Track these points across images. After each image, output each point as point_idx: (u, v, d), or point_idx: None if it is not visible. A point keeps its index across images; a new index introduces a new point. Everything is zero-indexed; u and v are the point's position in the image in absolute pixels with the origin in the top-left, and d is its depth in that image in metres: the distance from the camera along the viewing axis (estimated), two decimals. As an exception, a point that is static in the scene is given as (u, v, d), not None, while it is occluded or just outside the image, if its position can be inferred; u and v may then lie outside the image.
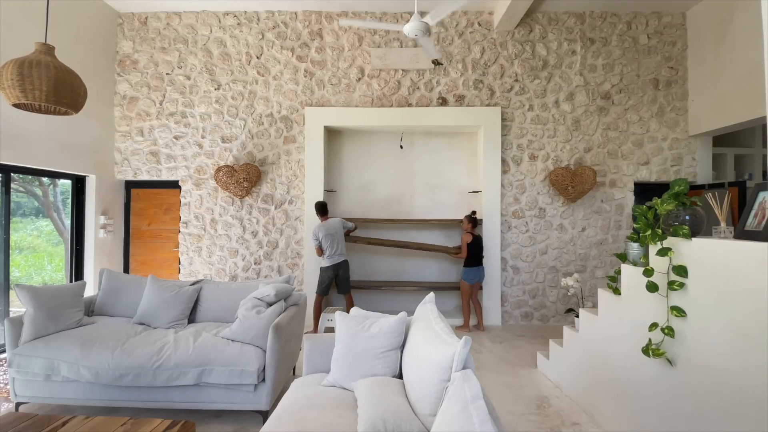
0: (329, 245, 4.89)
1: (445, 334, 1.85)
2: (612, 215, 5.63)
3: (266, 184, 5.68)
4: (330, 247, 4.89)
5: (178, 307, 3.35)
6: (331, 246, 4.89)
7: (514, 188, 5.64)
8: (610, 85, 5.61)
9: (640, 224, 2.39)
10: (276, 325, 2.84)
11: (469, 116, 5.56)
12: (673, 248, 2.16)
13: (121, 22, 5.71)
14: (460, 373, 1.52)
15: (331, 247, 4.90)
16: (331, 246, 4.89)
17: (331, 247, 4.90)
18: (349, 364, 2.28)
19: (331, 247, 4.90)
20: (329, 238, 4.88)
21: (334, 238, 4.91)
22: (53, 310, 3.04)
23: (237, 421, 2.90)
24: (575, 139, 5.62)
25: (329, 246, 4.89)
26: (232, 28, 5.69)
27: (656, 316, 2.26)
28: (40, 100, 2.37)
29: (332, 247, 4.90)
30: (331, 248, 4.90)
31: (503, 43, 5.63)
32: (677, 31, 5.60)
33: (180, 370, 2.76)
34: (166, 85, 5.69)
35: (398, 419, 1.71)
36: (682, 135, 5.60)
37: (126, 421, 2.05)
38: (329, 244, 4.89)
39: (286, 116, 5.68)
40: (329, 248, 4.89)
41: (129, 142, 5.71)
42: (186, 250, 5.73)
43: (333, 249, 4.90)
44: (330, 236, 4.89)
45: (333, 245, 4.90)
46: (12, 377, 2.90)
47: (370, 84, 5.66)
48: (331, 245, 4.89)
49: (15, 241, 4.62)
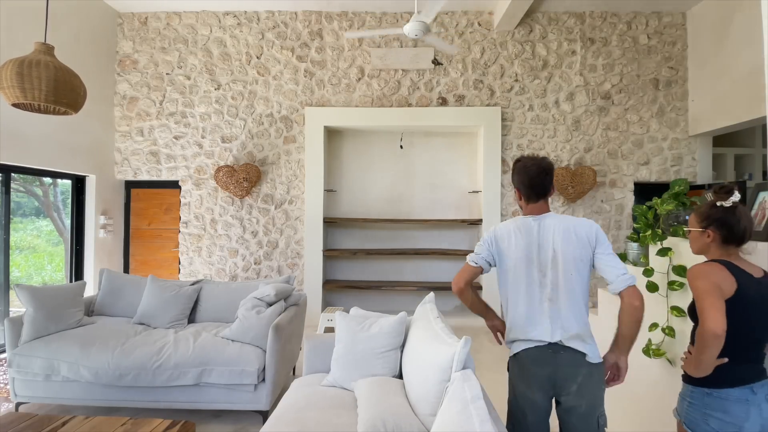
0: None
1: (445, 334, 1.85)
2: (612, 215, 5.62)
3: (266, 184, 5.68)
4: None
5: (178, 307, 3.35)
6: None
7: (514, 188, 5.63)
8: (610, 85, 5.61)
9: (640, 224, 2.39)
10: (276, 325, 2.84)
11: (469, 116, 5.56)
12: (673, 248, 2.16)
13: (121, 22, 5.71)
14: (460, 373, 1.53)
15: None
16: None
17: None
18: (349, 364, 2.28)
19: None
20: None
21: None
22: (53, 310, 3.04)
23: (237, 421, 2.90)
24: (575, 139, 5.61)
25: None
26: (232, 28, 5.69)
27: (656, 316, 2.26)
28: (39, 100, 2.36)
29: None
30: None
31: (503, 43, 5.63)
32: (677, 31, 5.60)
33: (180, 370, 2.76)
34: (166, 85, 5.69)
35: (398, 419, 1.71)
36: (682, 135, 5.59)
37: (126, 421, 2.05)
38: None
39: (286, 116, 5.68)
40: None
41: (129, 142, 5.70)
42: (186, 250, 5.73)
43: None
44: None
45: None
46: (12, 377, 2.90)
47: (370, 84, 5.65)
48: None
49: (15, 241, 4.62)
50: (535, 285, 1.66)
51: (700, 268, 1.53)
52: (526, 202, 1.78)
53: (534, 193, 1.74)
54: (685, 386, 1.63)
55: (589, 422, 1.63)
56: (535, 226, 1.71)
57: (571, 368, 1.62)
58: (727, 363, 1.48)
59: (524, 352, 1.68)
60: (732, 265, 1.50)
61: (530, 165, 1.75)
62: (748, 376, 1.51)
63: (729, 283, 1.46)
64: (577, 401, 1.62)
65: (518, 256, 1.69)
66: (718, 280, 1.46)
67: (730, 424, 1.47)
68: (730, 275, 1.47)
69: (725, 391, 1.50)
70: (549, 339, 1.63)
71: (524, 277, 1.67)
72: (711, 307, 1.42)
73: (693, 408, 1.56)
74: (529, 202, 1.76)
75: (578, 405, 1.62)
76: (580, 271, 1.63)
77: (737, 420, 1.47)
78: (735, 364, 1.49)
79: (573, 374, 1.61)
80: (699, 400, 1.55)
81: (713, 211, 1.57)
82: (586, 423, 1.63)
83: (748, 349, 1.51)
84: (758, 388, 1.49)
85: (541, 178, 1.72)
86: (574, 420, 1.64)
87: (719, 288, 1.45)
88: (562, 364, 1.62)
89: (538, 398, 1.66)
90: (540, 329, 1.64)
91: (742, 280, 1.47)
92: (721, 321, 1.40)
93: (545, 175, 1.73)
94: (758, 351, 1.53)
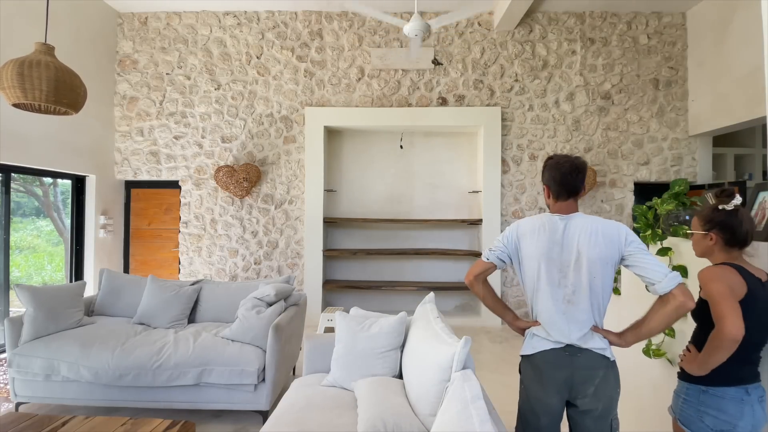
0: None
1: (445, 334, 1.85)
2: (612, 215, 5.62)
3: (266, 184, 5.68)
4: None
5: (178, 307, 3.35)
6: None
7: (514, 188, 5.64)
8: (610, 85, 5.61)
9: (640, 224, 2.39)
10: (276, 325, 2.84)
11: (469, 116, 5.56)
12: (673, 248, 2.16)
13: (121, 22, 5.71)
14: (460, 373, 1.53)
15: None
16: None
17: None
18: (349, 364, 2.28)
19: None
20: None
21: None
22: (53, 310, 3.04)
23: (237, 421, 2.90)
24: (575, 139, 5.62)
25: None
26: (232, 28, 5.69)
27: (656, 316, 2.25)
28: (40, 100, 2.36)
29: None
30: None
31: (503, 43, 5.63)
32: (677, 31, 5.60)
33: (180, 370, 2.76)
34: (166, 85, 5.69)
35: (398, 419, 1.71)
36: (682, 135, 5.60)
37: (126, 421, 2.05)
38: None
39: (286, 116, 5.68)
40: None
41: (129, 142, 5.71)
42: (186, 250, 5.73)
43: None
44: None
45: None
46: (12, 377, 2.90)
47: (370, 84, 5.66)
48: None
49: (15, 241, 4.62)
50: (554, 285, 1.65)
51: (714, 271, 1.53)
52: (554, 200, 1.73)
53: (564, 191, 1.70)
54: (681, 383, 1.63)
55: (603, 425, 1.62)
56: (561, 225, 1.67)
57: (589, 371, 1.61)
58: (727, 362, 1.48)
59: (539, 354, 1.67)
60: (742, 269, 1.50)
61: (563, 162, 1.71)
62: (746, 377, 1.52)
63: (740, 286, 1.47)
64: (594, 404, 1.61)
65: (540, 254, 1.66)
66: (732, 283, 1.47)
67: (725, 422, 1.48)
68: (741, 278, 1.48)
69: (722, 390, 1.51)
70: (566, 340, 1.62)
71: (545, 275, 1.65)
72: (731, 311, 1.42)
73: (688, 405, 1.57)
74: (558, 200, 1.72)
75: (594, 408, 1.61)
76: (605, 274, 1.61)
77: (732, 418, 1.48)
78: (735, 364, 1.49)
79: (590, 377, 1.61)
80: (695, 398, 1.56)
81: (715, 215, 1.57)
82: (600, 426, 1.62)
83: (749, 351, 1.52)
84: (752, 389, 1.51)
85: (573, 176, 1.69)
86: (589, 423, 1.63)
87: (734, 291, 1.45)
88: (580, 366, 1.61)
89: (553, 401, 1.65)
90: (557, 329, 1.63)
91: (751, 283, 1.48)
92: (740, 325, 1.40)
93: (578, 173, 1.70)
94: (758, 353, 1.54)
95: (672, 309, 1.52)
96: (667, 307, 1.52)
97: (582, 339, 1.61)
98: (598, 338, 1.62)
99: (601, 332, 1.64)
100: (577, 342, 1.61)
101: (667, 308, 1.52)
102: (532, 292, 1.71)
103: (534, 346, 1.69)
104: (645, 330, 1.61)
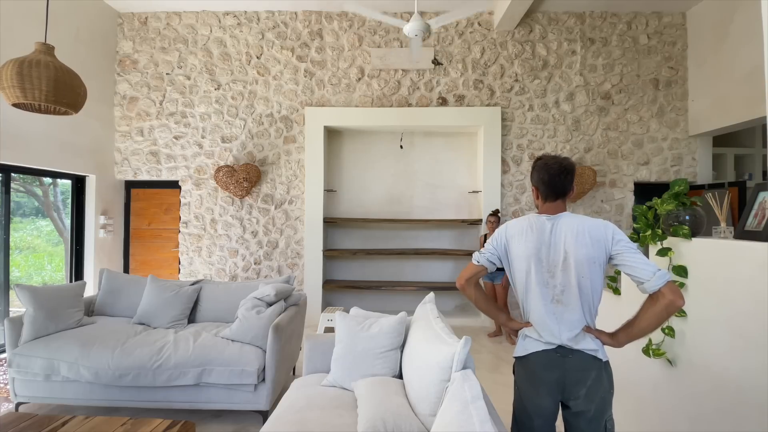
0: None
1: (445, 334, 1.85)
2: (612, 215, 5.62)
3: (266, 184, 5.68)
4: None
5: (178, 307, 3.35)
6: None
7: (514, 188, 5.64)
8: (610, 85, 5.61)
9: (640, 224, 2.39)
10: (276, 325, 2.84)
11: (469, 116, 5.56)
12: (673, 248, 2.16)
13: (121, 22, 5.71)
14: (460, 373, 1.52)
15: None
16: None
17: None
18: (349, 364, 2.28)
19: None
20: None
21: None
22: (53, 310, 3.04)
23: (237, 421, 2.90)
24: (575, 139, 5.62)
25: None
26: (232, 28, 5.69)
27: (656, 316, 2.25)
28: (39, 100, 2.37)
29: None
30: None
31: (503, 43, 5.63)
32: (677, 31, 5.60)
33: (180, 370, 2.76)
34: (166, 85, 5.69)
35: (398, 419, 1.70)
36: (682, 135, 5.59)
37: (126, 421, 2.05)
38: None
39: (286, 116, 5.68)
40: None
41: (129, 142, 5.70)
42: (186, 250, 5.73)
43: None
44: None
45: None
46: (12, 377, 2.90)
47: (370, 84, 5.66)
48: None
49: (15, 241, 4.62)
50: (543, 285, 1.65)
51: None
52: (543, 201, 1.74)
53: (552, 192, 1.70)
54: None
55: (596, 426, 1.62)
56: (548, 225, 1.68)
57: (580, 372, 1.60)
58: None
59: (532, 356, 1.67)
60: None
61: (552, 163, 1.71)
62: None
63: None
64: (587, 406, 1.60)
65: (528, 255, 1.67)
66: None
67: None
68: None
69: None
70: (557, 341, 1.62)
71: (534, 275, 1.66)
72: None
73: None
74: (546, 201, 1.72)
75: (587, 409, 1.61)
76: (593, 274, 1.61)
77: None
78: None
79: (582, 378, 1.60)
80: None
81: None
82: (594, 427, 1.62)
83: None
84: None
85: (562, 178, 1.69)
86: (582, 424, 1.63)
87: None
88: (571, 368, 1.61)
89: (546, 402, 1.65)
90: (547, 330, 1.63)
91: None
92: None
93: (566, 174, 1.69)
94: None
95: (662, 308, 1.51)
96: (657, 306, 1.52)
97: (573, 340, 1.61)
98: (590, 339, 1.62)
99: (593, 333, 1.64)
100: (568, 343, 1.61)
101: (657, 307, 1.52)
102: (522, 293, 1.71)
103: (526, 347, 1.69)
104: (636, 330, 1.61)
